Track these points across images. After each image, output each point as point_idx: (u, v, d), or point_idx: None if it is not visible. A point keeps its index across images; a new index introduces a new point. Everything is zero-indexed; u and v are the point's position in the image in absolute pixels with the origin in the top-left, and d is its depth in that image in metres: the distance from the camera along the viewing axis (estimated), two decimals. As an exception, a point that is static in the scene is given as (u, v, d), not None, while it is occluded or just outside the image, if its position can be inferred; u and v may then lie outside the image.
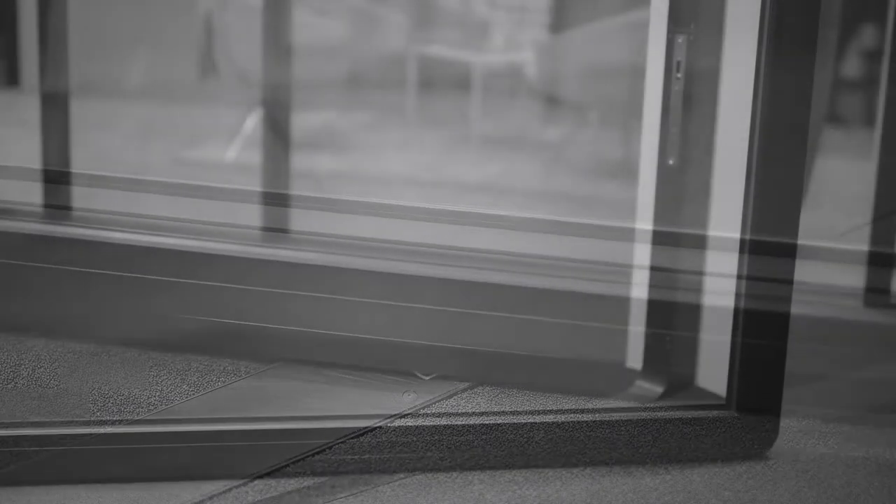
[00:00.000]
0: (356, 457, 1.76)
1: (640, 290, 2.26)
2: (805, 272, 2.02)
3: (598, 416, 1.88)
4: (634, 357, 2.29)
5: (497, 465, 1.82)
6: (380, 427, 1.79)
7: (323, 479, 1.75)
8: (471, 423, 1.85)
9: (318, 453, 1.75)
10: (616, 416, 1.90)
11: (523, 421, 1.86)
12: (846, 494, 1.77)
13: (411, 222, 2.53)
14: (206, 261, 2.27)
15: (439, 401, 2.05)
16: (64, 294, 2.29)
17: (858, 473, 1.85)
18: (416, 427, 1.80)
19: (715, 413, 1.92)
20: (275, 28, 3.29)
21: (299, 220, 2.90)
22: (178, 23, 6.93)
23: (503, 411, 1.89)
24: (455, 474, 1.79)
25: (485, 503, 1.70)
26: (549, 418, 1.86)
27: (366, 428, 1.79)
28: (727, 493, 1.76)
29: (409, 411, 1.86)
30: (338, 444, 1.77)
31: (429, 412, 1.87)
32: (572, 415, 1.88)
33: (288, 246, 2.53)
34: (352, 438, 1.76)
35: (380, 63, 5.94)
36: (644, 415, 1.90)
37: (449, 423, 1.84)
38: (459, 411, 1.88)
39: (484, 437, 1.83)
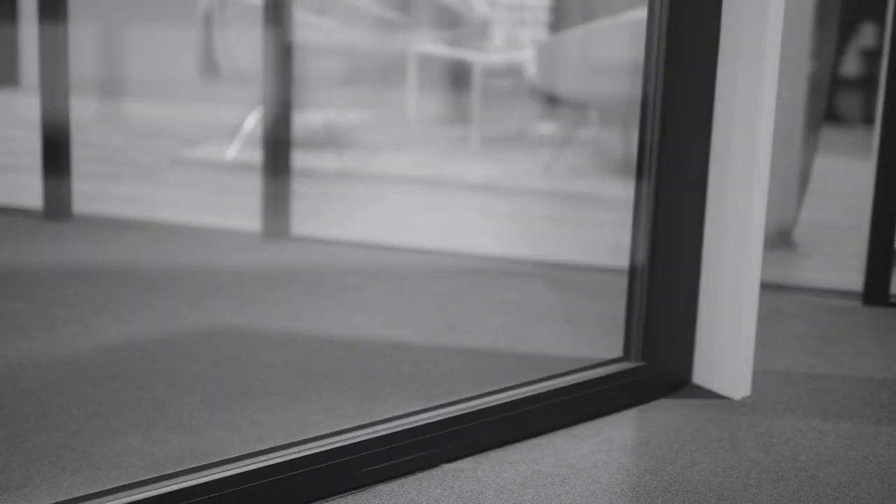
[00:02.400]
0: (358, 470, 1.76)
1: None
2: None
3: (537, 389, 1.98)
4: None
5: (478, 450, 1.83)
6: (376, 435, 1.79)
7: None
8: (460, 413, 1.86)
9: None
10: (554, 384, 2.01)
11: (480, 406, 1.89)
12: (846, 494, 1.77)
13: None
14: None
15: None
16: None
17: (858, 473, 1.85)
18: (409, 430, 1.80)
19: (626, 365, 2.11)
20: (275, 27, 3.29)
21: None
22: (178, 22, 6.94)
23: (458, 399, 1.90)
24: (452, 469, 1.79)
25: (485, 502, 1.70)
26: (499, 398, 1.93)
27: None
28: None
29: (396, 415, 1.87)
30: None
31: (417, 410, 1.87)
32: (516, 391, 1.96)
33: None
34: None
35: (380, 62, 5.94)
36: (570, 380, 2.03)
37: (438, 418, 1.84)
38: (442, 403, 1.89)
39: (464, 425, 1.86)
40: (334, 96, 5.91)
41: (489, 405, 1.90)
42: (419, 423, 1.80)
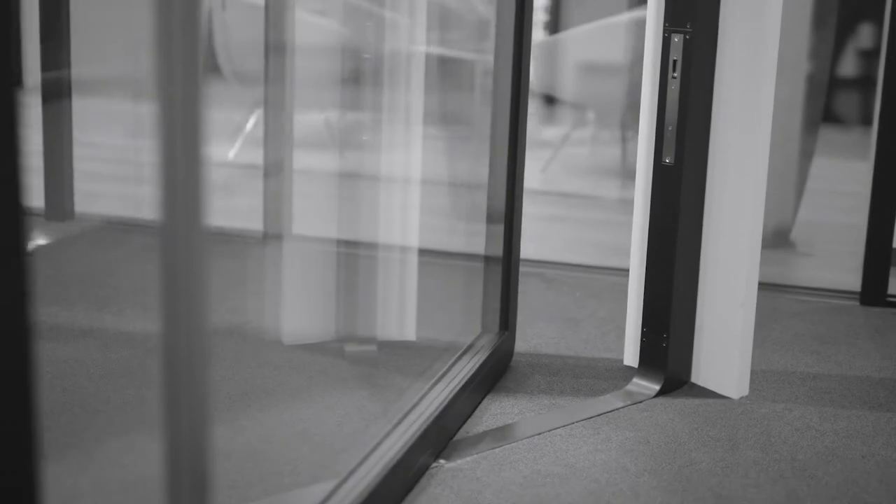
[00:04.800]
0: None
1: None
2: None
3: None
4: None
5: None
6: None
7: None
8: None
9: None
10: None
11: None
12: (844, 493, 1.78)
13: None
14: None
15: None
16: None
17: (856, 472, 1.86)
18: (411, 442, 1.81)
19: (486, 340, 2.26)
20: (276, 27, 3.30)
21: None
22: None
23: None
24: (451, 468, 1.80)
25: (484, 501, 1.71)
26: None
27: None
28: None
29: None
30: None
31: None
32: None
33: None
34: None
35: (381, 62, 5.94)
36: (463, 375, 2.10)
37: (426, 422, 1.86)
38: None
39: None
40: (335, 96, 5.90)
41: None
42: (419, 431, 1.81)
